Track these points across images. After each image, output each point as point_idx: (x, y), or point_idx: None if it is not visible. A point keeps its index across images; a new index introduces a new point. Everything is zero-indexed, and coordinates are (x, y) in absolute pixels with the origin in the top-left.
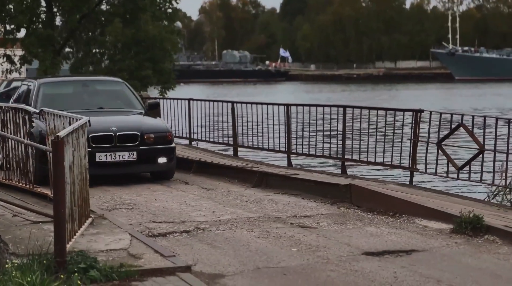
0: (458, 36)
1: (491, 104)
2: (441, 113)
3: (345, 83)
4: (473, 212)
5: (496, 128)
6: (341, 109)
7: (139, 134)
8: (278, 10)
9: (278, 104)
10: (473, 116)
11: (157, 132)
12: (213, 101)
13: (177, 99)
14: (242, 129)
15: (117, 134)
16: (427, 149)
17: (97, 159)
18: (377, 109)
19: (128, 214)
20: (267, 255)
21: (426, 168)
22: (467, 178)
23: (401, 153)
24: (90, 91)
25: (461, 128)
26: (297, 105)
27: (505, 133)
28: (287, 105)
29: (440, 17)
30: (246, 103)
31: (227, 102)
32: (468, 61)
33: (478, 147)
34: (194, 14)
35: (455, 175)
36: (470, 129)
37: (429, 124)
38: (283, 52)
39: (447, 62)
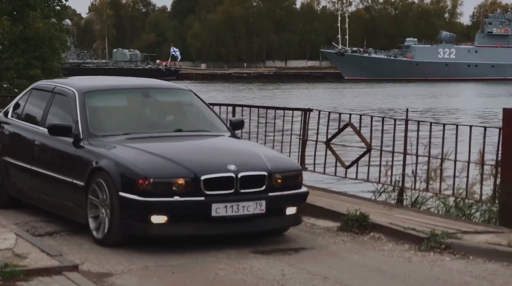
0: (347, 37)
1: (379, 104)
2: (329, 112)
3: (235, 82)
4: (359, 210)
5: (382, 127)
6: (230, 108)
7: (266, 174)
8: (169, 9)
9: None
10: (360, 115)
11: (287, 170)
12: None
13: None
14: None
15: (239, 175)
16: (315, 148)
17: (214, 213)
18: (266, 108)
19: (14, 213)
20: (156, 253)
21: (314, 167)
22: (355, 177)
23: (290, 152)
24: (152, 103)
25: (349, 127)
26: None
27: (392, 132)
28: None
29: (330, 18)
30: None
31: None
32: (357, 61)
33: (365, 146)
34: (84, 12)
35: (343, 174)
36: (358, 128)
37: (318, 123)
38: (173, 51)
39: (336, 62)
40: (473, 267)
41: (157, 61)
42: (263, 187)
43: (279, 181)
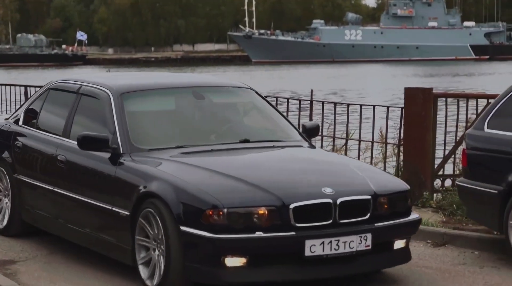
0: (254, 19)
1: (285, 86)
2: None
3: (143, 66)
4: None
5: (287, 109)
6: None
7: (370, 198)
8: None
9: None
10: (265, 97)
11: (394, 192)
12: (5, 85)
13: None
14: None
15: (338, 201)
16: None
17: (308, 252)
18: None
19: None
20: (63, 240)
21: None
22: None
23: None
24: (207, 106)
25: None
26: None
27: (297, 114)
28: None
29: (237, 1)
30: (40, 87)
31: (19, 86)
32: (264, 44)
33: None
34: None
35: None
36: None
37: None
38: (80, 36)
39: (244, 45)
40: None
41: (63, 46)
42: (367, 216)
43: (385, 206)
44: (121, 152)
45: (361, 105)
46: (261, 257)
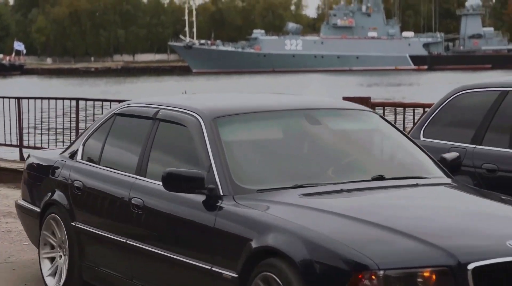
0: (195, 30)
1: None
2: None
3: (83, 76)
4: None
5: None
6: (74, 102)
7: None
8: (11, 2)
9: (9, 97)
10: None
11: None
12: None
13: None
14: None
15: None
16: None
17: None
18: (110, 101)
19: None
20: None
21: None
22: None
23: None
24: (325, 134)
25: None
26: (29, 98)
27: None
28: (19, 99)
29: (177, 11)
30: None
31: None
32: (205, 54)
33: None
34: None
35: None
36: None
37: None
38: (17, 46)
39: (184, 55)
40: None
41: (0, 55)
42: None
43: None
44: (221, 193)
45: None
46: None
